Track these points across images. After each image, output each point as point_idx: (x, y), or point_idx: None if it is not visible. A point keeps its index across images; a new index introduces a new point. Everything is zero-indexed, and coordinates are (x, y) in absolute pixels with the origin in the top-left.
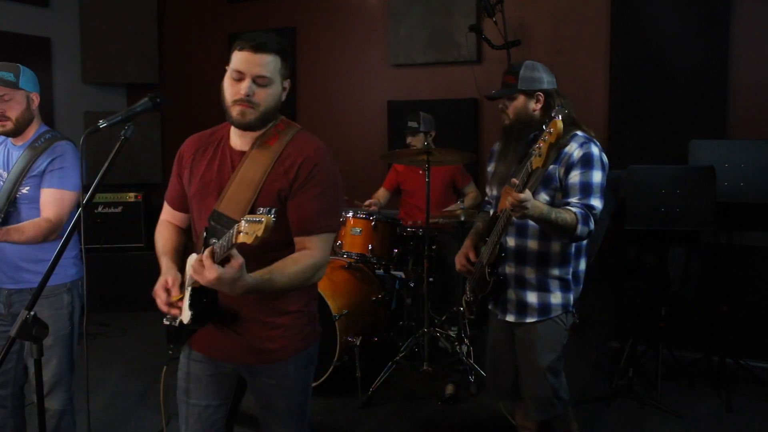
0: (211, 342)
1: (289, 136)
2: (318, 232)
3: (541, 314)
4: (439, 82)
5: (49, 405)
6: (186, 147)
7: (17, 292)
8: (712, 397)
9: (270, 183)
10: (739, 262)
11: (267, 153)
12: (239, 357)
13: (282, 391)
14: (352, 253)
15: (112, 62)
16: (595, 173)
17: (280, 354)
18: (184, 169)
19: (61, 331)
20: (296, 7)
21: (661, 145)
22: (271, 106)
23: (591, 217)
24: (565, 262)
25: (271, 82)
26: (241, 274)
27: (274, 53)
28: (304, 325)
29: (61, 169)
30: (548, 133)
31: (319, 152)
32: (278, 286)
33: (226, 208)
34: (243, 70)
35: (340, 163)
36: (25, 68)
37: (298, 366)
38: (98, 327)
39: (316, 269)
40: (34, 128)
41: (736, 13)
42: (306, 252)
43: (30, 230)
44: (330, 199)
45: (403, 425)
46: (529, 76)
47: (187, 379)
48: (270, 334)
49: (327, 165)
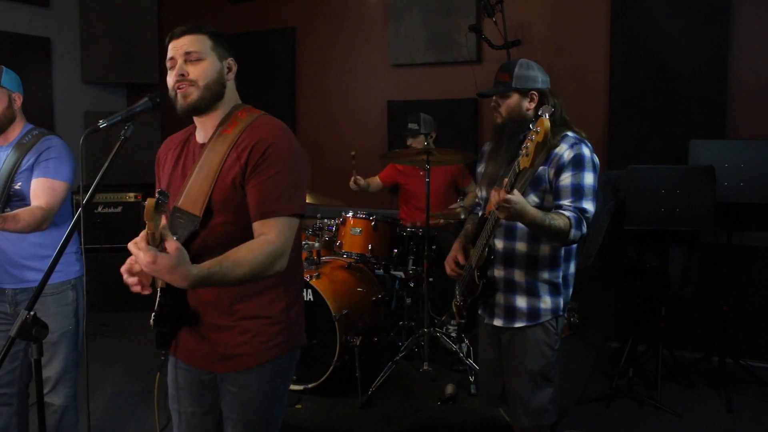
0: (187, 349)
1: (247, 122)
2: (274, 215)
3: (530, 319)
4: (439, 82)
5: (53, 401)
6: (161, 150)
7: (22, 291)
8: (712, 397)
9: (225, 171)
10: (739, 262)
11: (224, 141)
12: (209, 364)
13: (241, 402)
14: (352, 253)
15: (112, 62)
16: (587, 175)
17: (243, 361)
18: (160, 170)
19: (67, 327)
20: (296, 7)
21: (661, 145)
22: (212, 80)
23: (584, 221)
24: (555, 265)
25: (201, 56)
26: (178, 260)
27: (199, 33)
28: (275, 333)
29: (48, 160)
30: (535, 132)
31: (275, 133)
32: (232, 276)
33: (185, 203)
34: (172, 55)
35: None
36: (8, 69)
37: (263, 377)
38: (98, 327)
39: (274, 257)
40: (18, 128)
41: (736, 13)
42: (262, 238)
43: (25, 218)
44: (288, 181)
45: (403, 425)
46: (524, 74)
47: (173, 386)
48: (237, 340)
49: (283, 145)
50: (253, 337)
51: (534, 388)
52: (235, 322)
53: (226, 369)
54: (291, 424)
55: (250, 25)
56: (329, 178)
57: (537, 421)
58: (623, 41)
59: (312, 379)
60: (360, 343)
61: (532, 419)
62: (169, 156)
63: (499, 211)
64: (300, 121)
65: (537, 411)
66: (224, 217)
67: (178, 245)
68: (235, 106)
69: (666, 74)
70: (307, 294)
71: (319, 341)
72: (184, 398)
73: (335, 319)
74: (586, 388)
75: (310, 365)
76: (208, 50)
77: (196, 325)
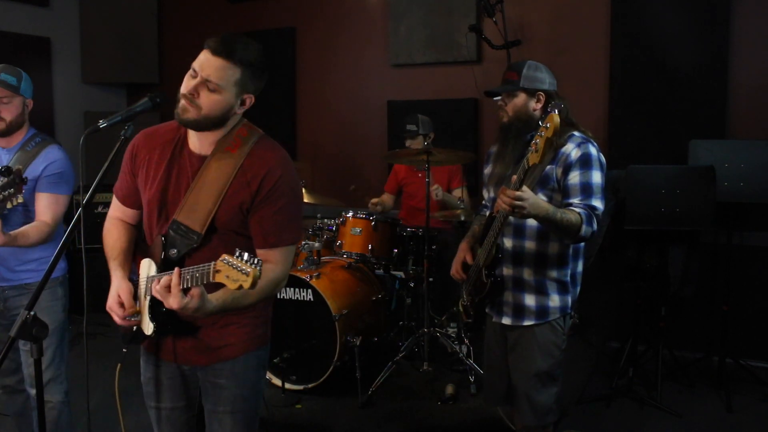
0: (164, 345)
1: (251, 143)
2: (281, 245)
3: (538, 317)
4: (439, 82)
5: (49, 397)
6: (140, 144)
7: (11, 288)
8: (712, 397)
9: (232, 194)
10: (739, 262)
11: (229, 161)
12: (191, 358)
13: (230, 392)
14: (352, 253)
15: (112, 62)
16: (595, 173)
17: (230, 351)
18: (139, 168)
19: (57, 322)
20: (296, 7)
21: (661, 145)
22: (214, 114)
23: (594, 218)
24: (564, 263)
25: (219, 89)
26: (202, 303)
27: (234, 62)
28: (256, 326)
29: (53, 174)
30: (544, 127)
31: (283, 163)
32: (242, 305)
33: (186, 217)
34: (197, 68)
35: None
36: (26, 75)
37: (249, 366)
38: (98, 327)
39: (278, 282)
40: (23, 132)
41: (736, 13)
42: (269, 266)
43: (34, 234)
44: (292, 211)
45: (403, 425)
46: (532, 75)
47: (151, 383)
48: (221, 332)
49: (290, 176)
50: (236, 330)
51: (540, 387)
52: (220, 318)
53: (210, 361)
54: (291, 424)
55: (250, 25)
56: (329, 178)
57: (542, 419)
58: (623, 41)
59: (312, 379)
60: (360, 343)
61: (538, 418)
62: (154, 156)
63: (514, 211)
64: (300, 121)
65: (543, 410)
66: (224, 236)
67: (201, 290)
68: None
69: (666, 74)
70: (307, 294)
71: (319, 341)
72: (163, 393)
73: (335, 319)
74: (586, 388)
75: (310, 365)
76: (230, 85)
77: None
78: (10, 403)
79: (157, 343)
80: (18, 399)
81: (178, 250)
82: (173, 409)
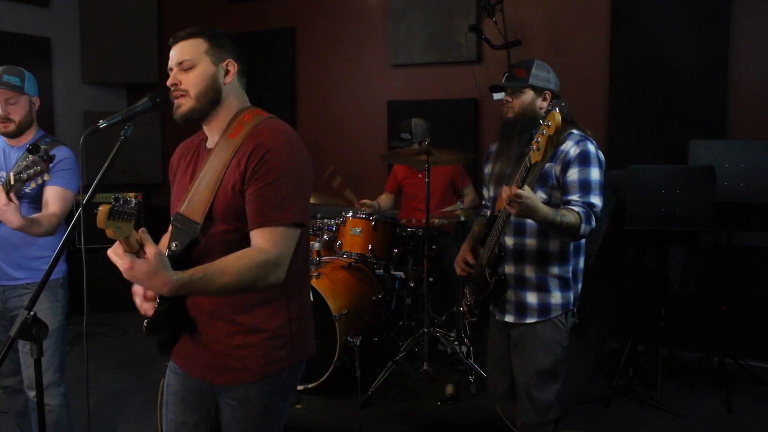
0: (185, 354)
1: (251, 126)
2: (269, 225)
3: (540, 315)
4: (439, 82)
5: (48, 401)
6: (175, 155)
7: (11, 288)
8: (712, 397)
9: (227, 177)
10: (739, 262)
11: (229, 146)
12: (206, 373)
13: (240, 416)
14: (352, 253)
15: (112, 62)
16: (593, 170)
17: (242, 375)
18: (173, 177)
19: (56, 323)
20: (296, 7)
21: (661, 145)
22: (204, 88)
23: (593, 216)
24: (565, 260)
25: (193, 63)
26: (156, 266)
27: (193, 37)
28: (276, 348)
29: (65, 170)
30: (546, 126)
31: (276, 137)
32: (217, 285)
33: (187, 209)
34: (170, 65)
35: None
36: (29, 73)
37: (263, 392)
38: (98, 327)
39: (267, 266)
40: (32, 132)
41: (736, 13)
42: (254, 248)
43: (45, 223)
44: (287, 188)
45: (403, 425)
46: (540, 74)
47: (169, 391)
48: (237, 353)
49: (284, 150)
50: (254, 351)
51: (542, 384)
52: (234, 334)
53: (224, 381)
54: (291, 424)
55: (250, 25)
56: (329, 178)
57: (543, 416)
58: (623, 41)
59: (312, 379)
60: (360, 343)
61: (539, 414)
62: (182, 162)
63: (511, 207)
64: (300, 121)
65: (544, 406)
66: (225, 225)
67: (156, 250)
68: (242, 108)
69: (666, 74)
70: None
71: (319, 341)
72: (175, 405)
73: (335, 319)
74: (586, 388)
75: (310, 365)
76: (201, 55)
77: (195, 333)
78: (10, 403)
79: (180, 353)
80: (19, 399)
81: (180, 242)
82: (183, 423)
